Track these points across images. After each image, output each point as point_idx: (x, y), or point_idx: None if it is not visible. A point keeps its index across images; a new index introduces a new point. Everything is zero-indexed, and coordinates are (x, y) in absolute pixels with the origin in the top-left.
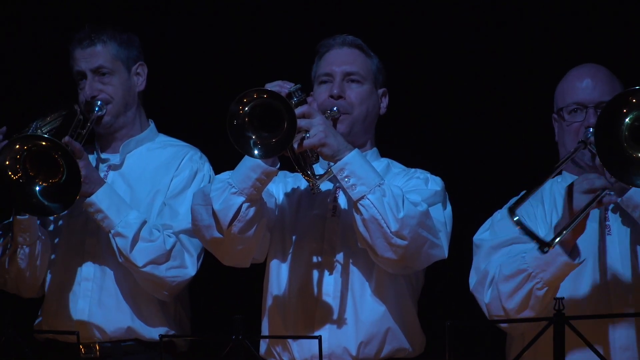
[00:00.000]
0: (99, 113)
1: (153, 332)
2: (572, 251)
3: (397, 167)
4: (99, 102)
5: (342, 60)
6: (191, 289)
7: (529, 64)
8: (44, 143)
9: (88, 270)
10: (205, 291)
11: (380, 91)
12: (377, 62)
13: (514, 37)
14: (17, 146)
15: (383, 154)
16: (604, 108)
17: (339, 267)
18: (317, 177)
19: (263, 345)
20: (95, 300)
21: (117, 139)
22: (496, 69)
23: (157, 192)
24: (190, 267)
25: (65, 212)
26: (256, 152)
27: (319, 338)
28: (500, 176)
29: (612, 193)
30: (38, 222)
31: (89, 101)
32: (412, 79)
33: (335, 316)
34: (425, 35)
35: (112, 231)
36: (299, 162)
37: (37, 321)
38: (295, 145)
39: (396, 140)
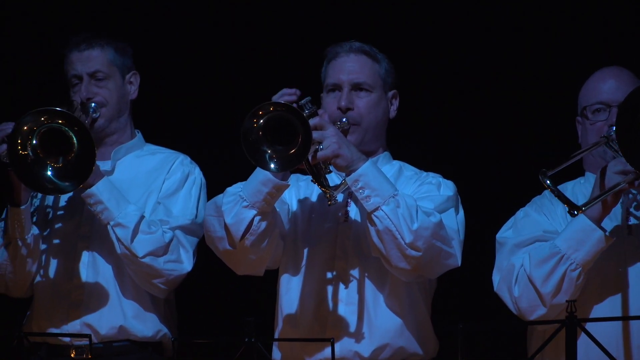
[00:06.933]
0: (94, 115)
1: (145, 331)
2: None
3: (409, 170)
4: (93, 104)
5: (349, 69)
6: (202, 291)
7: (545, 63)
8: (58, 120)
9: (79, 271)
10: (217, 293)
11: (390, 94)
12: (386, 64)
13: (527, 36)
14: (27, 127)
15: (395, 156)
16: (626, 97)
17: (352, 274)
18: (332, 187)
19: (277, 354)
20: (88, 301)
21: (107, 144)
22: (510, 68)
23: (150, 193)
24: (186, 263)
25: (61, 212)
26: (272, 165)
27: (332, 340)
28: (513, 178)
29: None
30: (34, 218)
31: (84, 102)
32: (423, 80)
33: (348, 323)
34: (435, 35)
35: (112, 222)
36: (314, 173)
37: (25, 322)
38: (309, 158)
39: (408, 142)
